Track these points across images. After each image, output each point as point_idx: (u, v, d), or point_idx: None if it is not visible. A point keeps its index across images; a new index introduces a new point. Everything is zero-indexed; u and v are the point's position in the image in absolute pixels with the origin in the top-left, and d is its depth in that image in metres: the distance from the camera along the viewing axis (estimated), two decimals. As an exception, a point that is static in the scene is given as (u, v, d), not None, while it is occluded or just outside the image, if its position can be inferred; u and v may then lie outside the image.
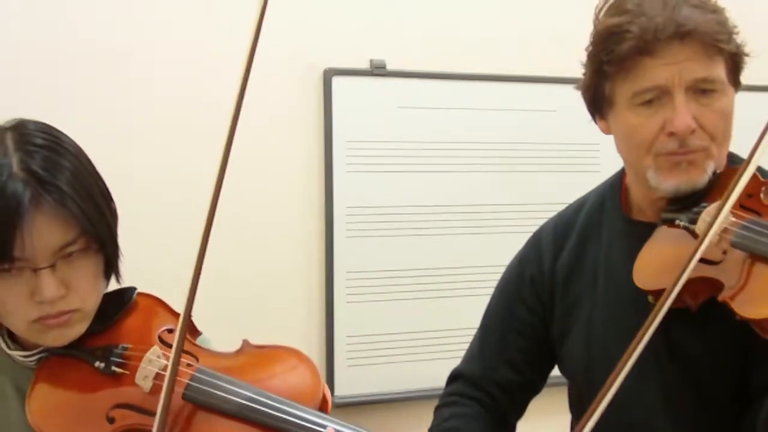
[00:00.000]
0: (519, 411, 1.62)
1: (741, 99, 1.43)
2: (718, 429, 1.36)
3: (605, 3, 1.40)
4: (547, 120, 2.80)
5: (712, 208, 1.28)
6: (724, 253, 1.24)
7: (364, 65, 2.64)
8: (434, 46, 2.71)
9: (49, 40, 2.37)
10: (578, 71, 3.10)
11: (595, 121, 1.48)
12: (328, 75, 2.60)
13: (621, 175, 1.51)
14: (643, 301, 1.34)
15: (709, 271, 1.24)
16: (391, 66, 2.65)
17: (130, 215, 2.34)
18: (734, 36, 1.34)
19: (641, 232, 1.39)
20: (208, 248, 2.69)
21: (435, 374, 2.62)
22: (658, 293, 1.24)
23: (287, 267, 2.61)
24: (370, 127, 2.64)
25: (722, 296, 1.21)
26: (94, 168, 1.26)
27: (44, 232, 1.15)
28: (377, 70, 2.64)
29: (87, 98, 2.39)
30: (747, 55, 1.37)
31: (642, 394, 1.38)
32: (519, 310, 1.56)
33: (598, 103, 1.42)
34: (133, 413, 1.18)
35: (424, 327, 2.70)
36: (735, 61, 1.35)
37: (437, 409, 1.61)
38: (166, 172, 2.47)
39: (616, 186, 1.51)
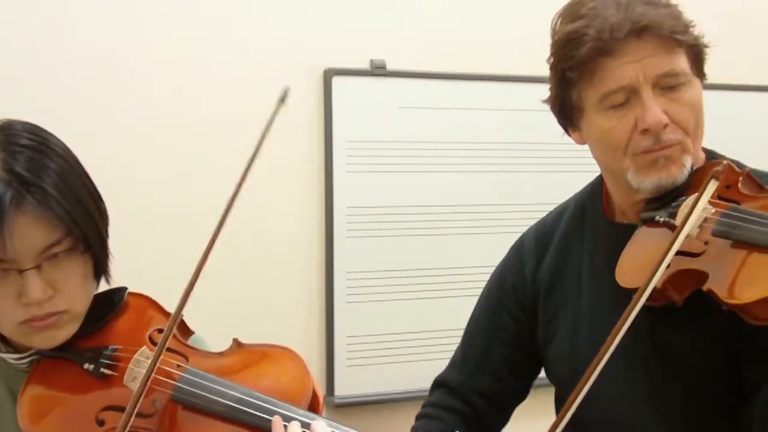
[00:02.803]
0: (503, 419, 1.62)
1: (742, 99, 1.43)
2: (710, 430, 1.35)
3: (560, 14, 1.40)
4: (547, 120, 2.77)
5: (690, 199, 1.29)
6: (706, 243, 1.24)
7: (364, 65, 2.64)
8: (434, 46, 2.71)
9: (49, 40, 2.37)
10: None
11: (569, 134, 1.47)
12: (328, 75, 2.60)
13: (601, 179, 1.51)
14: (627, 303, 1.34)
15: (691, 264, 1.24)
16: (391, 66, 2.65)
17: (129, 215, 2.36)
18: (691, 28, 1.35)
19: (624, 234, 1.39)
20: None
21: (435, 374, 2.63)
22: (639, 292, 1.24)
23: (287, 267, 2.61)
24: (371, 127, 2.64)
25: (707, 286, 1.21)
26: (82, 169, 1.25)
27: (26, 233, 1.14)
28: (377, 70, 2.64)
29: (87, 98, 2.39)
30: (707, 46, 1.37)
31: (630, 396, 1.37)
32: (502, 319, 1.56)
33: (567, 113, 1.41)
34: (122, 415, 1.16)
35: (424, 327, 2.70)
36: (696, 53, 1.36)
37: (416, 419, 1.61)
38: (165, 173, 2.47)
39: (597, 191, 1.51)
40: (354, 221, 2.63)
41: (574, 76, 1.34)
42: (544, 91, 2.76)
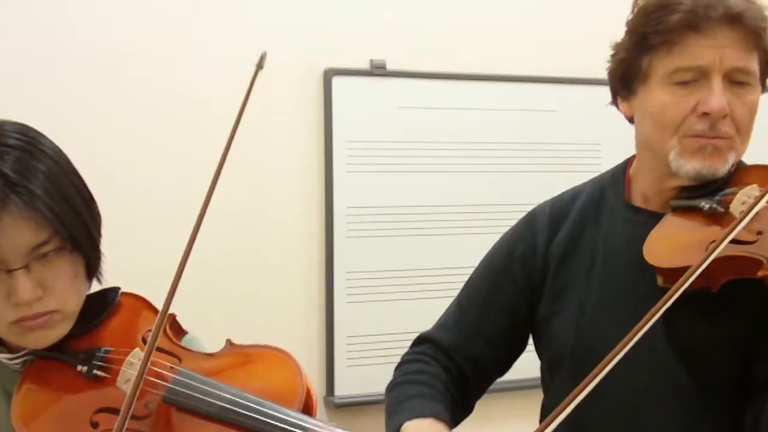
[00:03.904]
0: (481, 390, 1.60)
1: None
2: (709, 422, 1.35)
3: None
4: (547, 120, 2.79)
5: (749, 189, 1.31)
6: (759, 233, 1.26)
7: (364, 65, 2.64)
8: (434, 46, 2.71)
9: (49, 40, 2.37)
10: (578, 71, 3.11)
11: (616, 104, 1.48)
12: (328, 75, 2.60)
13: (624, 166, 1.52)
14: (644, 286, 1.35)
15: (741, 251, 1.25)
16: (391, 66, 2.65)
17: (129, 215, 2.36)
18: None
19: (646, 221, 1.40)
20: (208, 249, 2.69)
21: (435, 374, 2.63)
22: (672, 272, 1.26)
23: (287, 267, 2.61)
24: (370, 127, 2.64)
25: (762, 272, 1.22)
26: (72, 169, 1.25)
27: (13, 233, 1.14)
28: (377, 70, 2.64)
29: (86, 98, 2.40)
30: None
31: (632, 381, 1.37)
32: (505, 288, 1.54)
33: (629, 78, 1.42)
34: (116, 417, 1.14)
35: (424, 327, 2.68)
36: (766, 61, 1.38)
37: (402, 364, 1.58)
38: (163, 172, 2.47)
39: (619, 176, 1.51)
40: (354, 221, 2.63)
41: (656, 42, 1.35)
42: (544, 91, 2.80)
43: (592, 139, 2.81)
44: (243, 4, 2.54)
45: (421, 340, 1.61)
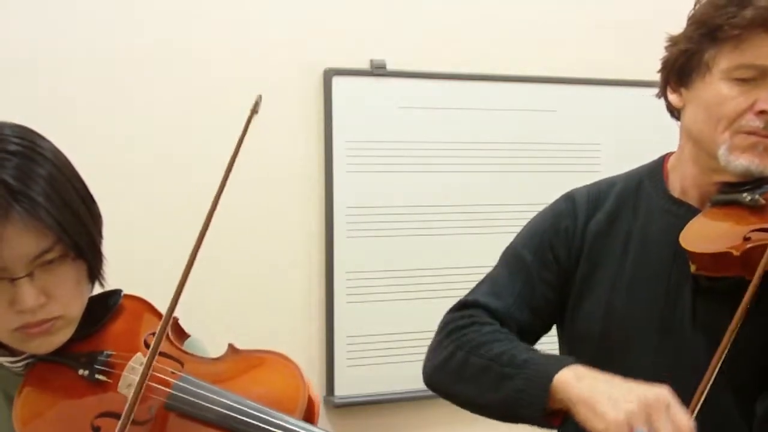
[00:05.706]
0: None
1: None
2: (723, 416, 1.35)
3: None
4: (547, 120, 2.80)
5: None
6: None
7: (364, 65, 2.64)
8: (434, 46, 2.71)
9: (49, 40, 2.37)
10: (578, 71, 3.10)
11: (665, 94, 1.49)
12: (328, 75, 2.60)
13: (660, 161, 1.54)
14: (675, 274, 1.39)
15: None
16: (391, 66, 2.65)
17: (129, 216, 2.36)
18: None
19: (685, 214, 1.42)
20: (207, 249, 2.68)
21: (435, 374, 2.63)
22: (708, 258, 1.30)
23: (287, 267, 2.61)
24: (370, 127, 2.64)
25: None
26: (73, 172, 1.23)
27: (15, 242, 1.13)
28: (377, 70, 2.64)
29: (86, 98, 2.40)
30: None
31: (658, 367, 1.37)
32: (548, 259, 1.54)
33: (687, 69, 1.42)
34: (117, 422, 1.14)
35: (424, 327, 2.67)
36: None
37: (461, 327, 1.49)
38: (163, 173, 2.47)
39: (656, 170, 1.53)
40: (354, 221, 2.63)
41: (725, 35, 1.36)
42: (544, 91, 2.79)
43: (592, 139, 2.81)
44: (243, 4, 2.54)
45: (468, 305, 1.54)
